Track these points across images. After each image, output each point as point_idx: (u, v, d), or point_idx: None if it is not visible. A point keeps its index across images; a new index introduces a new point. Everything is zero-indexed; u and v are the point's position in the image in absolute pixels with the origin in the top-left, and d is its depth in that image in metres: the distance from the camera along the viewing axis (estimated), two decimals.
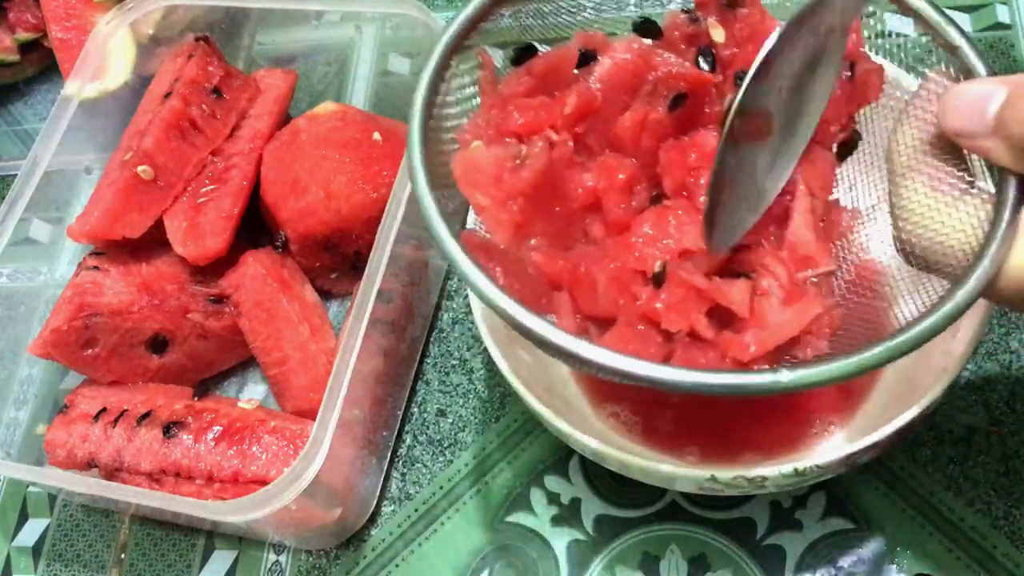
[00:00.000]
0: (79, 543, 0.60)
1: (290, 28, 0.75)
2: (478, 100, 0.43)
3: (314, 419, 0.49)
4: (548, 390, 0.53)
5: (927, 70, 0.39)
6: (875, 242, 0.43)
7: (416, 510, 0.57)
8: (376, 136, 0.62)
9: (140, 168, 0.59)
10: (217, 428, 0.55)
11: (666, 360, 0.38)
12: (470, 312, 0.60)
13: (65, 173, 0.66)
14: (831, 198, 0.42)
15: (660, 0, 0.68)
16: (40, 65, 0.81)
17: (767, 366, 0.37)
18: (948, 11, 0.39)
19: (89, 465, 0.56)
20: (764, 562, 0.52)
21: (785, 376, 0.34)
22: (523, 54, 0.43)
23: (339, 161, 0.60)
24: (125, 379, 0.60)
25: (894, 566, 0.51)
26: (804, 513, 0.53)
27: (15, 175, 0.62)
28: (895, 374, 0.52)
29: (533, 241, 0.40)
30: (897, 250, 0.38)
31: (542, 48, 0.44)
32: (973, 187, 0.36)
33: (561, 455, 0.57)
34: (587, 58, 0.41)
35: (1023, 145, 0.33)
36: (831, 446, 0.51)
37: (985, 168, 0.36)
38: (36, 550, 0.61)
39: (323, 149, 0.60)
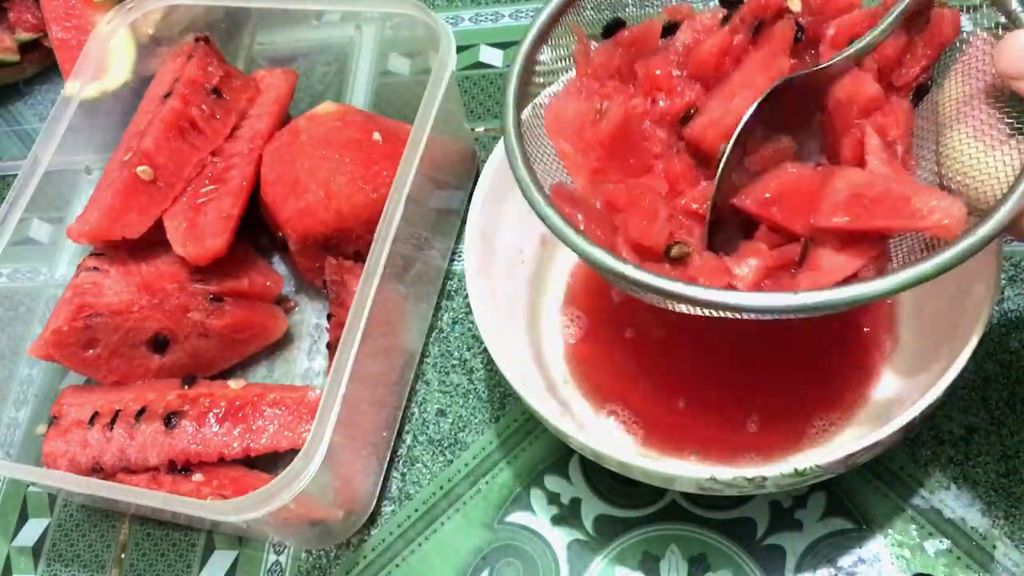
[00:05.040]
0: (79, 543, 0.60)
1: (290, 28, 0.75)
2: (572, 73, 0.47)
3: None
4: (548, 390, 0.53)
5: (974, 28, 0.40)
6: None
7: (416, 510, 0.57)
8: (376, 136, 0.62)
9: (140, 168, 0.59)
10: (217, 410, 0.56)
11: None
12: (470, 312, 0.60)
13: (65, 173, 0.66)
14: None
15: None
16: (40, 65, 0.81)
17: None
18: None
19: (94, 470, 0.56)
20: (764, 562, 0.52)
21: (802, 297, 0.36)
22: (613, 27, 0.47)
23: (339, 161, 0.60)
24: (126, 379, 0.60)
25: (894, 566, 0.51)
26: (804, 513, 0.53)
27: (15, 175, 0.62)
28: (895, 373, 0.52)
29: (610, 186, 0.43)
30: None
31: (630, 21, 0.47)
32: (1014, 136, 0.37)
33: (561, 455, 0.57)
34: (670, 29, 0.45)
35: None
36: (831, 446, 0.51)
37: None
38: (36, 550, 0.61)
39: (323, 149, 0.60)
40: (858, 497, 0.52)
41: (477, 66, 0.73)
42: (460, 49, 0.73)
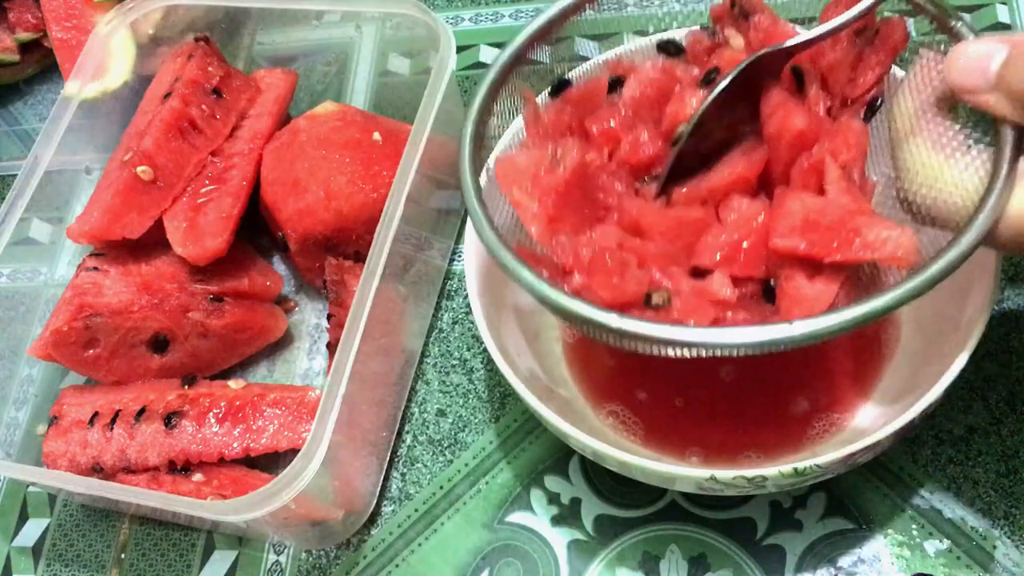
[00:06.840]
0: (79, 543, 0.60)
1: (290, 28, 0.75)
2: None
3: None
4: (548, 390, 0.53)
5: (921, 47, 0.40)
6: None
7: (416, 510, 0.57)
8: (376, 136, 0.62)
9: (140, 168, 0.60)
10: (217, 410, 0.56)
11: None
12: (470, 312, 0.60)
13: (65, 173, 0.66)
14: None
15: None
16: (40, 65, 0.81)
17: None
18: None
19: (94, 470, 0.56)
20: (764, 562, 0.52)
21: (799, 327, 0.36)
22: (560, 87, 0.47)
23: (339, 161, 0.60)
24: (126, 379, 0.60)
25: (894, 566, 0.51)
26: (804, 513, 0.53)
27: (15, 175, 0.62)
28: (895, 374, 0.52)
29: (563, 238, 0.42)
30: (904, 211, 0.39)
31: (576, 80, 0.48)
32: (972, 145, 0.37)
33: (561, 455, 0.57)
34: (616, 84, 0.45)
35: (1023, 99, 0.35)
36: (831, 446, 0.51)
37: (982, 125, 0.37)
38: (36, 550, 0.61)
39: (323, 149, 0.60)
40: (858, 497, 0.52)
41: (477, 66, 0.73)
42: (460, 49, 0.73)
